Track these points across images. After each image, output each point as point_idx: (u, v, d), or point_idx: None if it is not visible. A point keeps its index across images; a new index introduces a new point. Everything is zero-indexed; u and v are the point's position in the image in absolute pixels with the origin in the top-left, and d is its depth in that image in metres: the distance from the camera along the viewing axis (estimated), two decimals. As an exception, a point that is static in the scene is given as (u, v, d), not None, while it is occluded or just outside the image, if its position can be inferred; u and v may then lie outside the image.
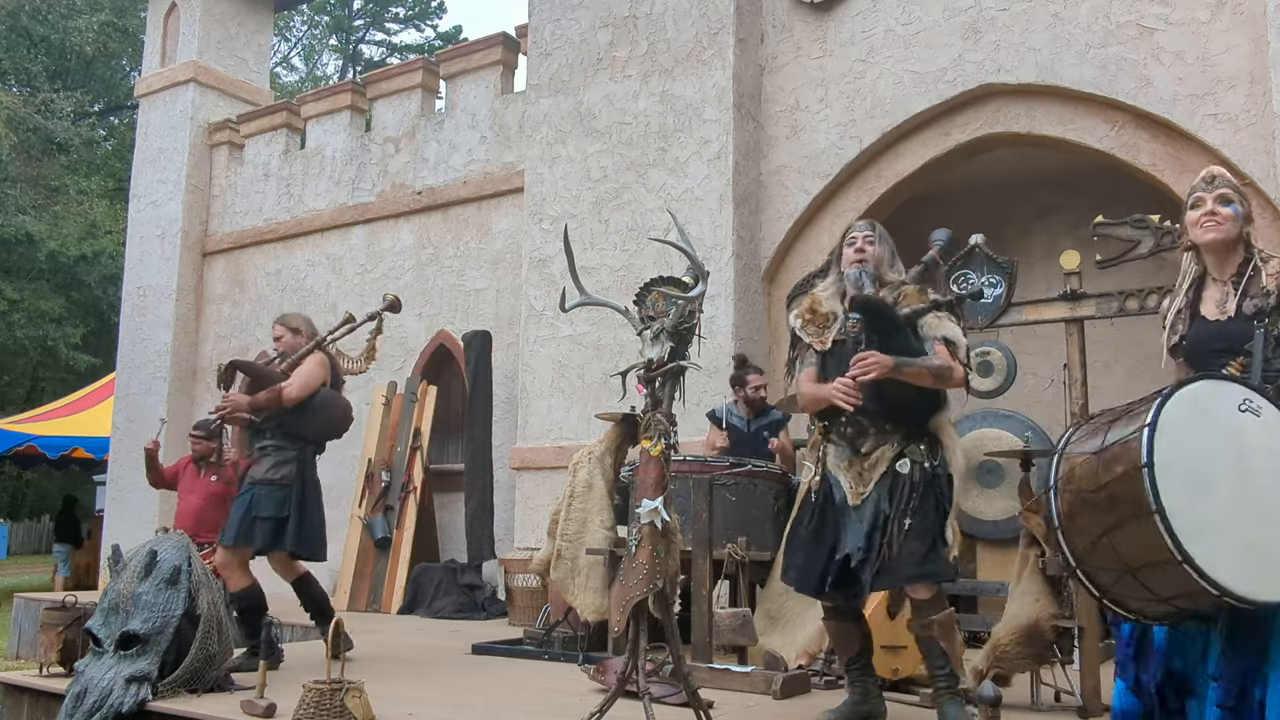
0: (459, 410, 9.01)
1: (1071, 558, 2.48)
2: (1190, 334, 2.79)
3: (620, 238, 7.50)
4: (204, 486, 6.12)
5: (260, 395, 4.87)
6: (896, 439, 3.42)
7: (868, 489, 3.40)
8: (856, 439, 3.46)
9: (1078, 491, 2.44)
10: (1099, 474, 2.40)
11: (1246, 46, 5.83)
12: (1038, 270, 7.12)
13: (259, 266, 10.82)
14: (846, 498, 3.44)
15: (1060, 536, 2.49)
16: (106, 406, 12.62)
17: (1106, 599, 2.47)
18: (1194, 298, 2.84)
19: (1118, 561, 2.38)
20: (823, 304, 3.62)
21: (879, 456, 3.42)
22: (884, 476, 3.39)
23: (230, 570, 4.89)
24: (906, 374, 3.30)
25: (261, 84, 12.21)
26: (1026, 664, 3.93)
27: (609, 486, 5.35)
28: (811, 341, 3.58)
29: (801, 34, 7.33)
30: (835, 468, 3.51)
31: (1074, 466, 2.47)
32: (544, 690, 4.46)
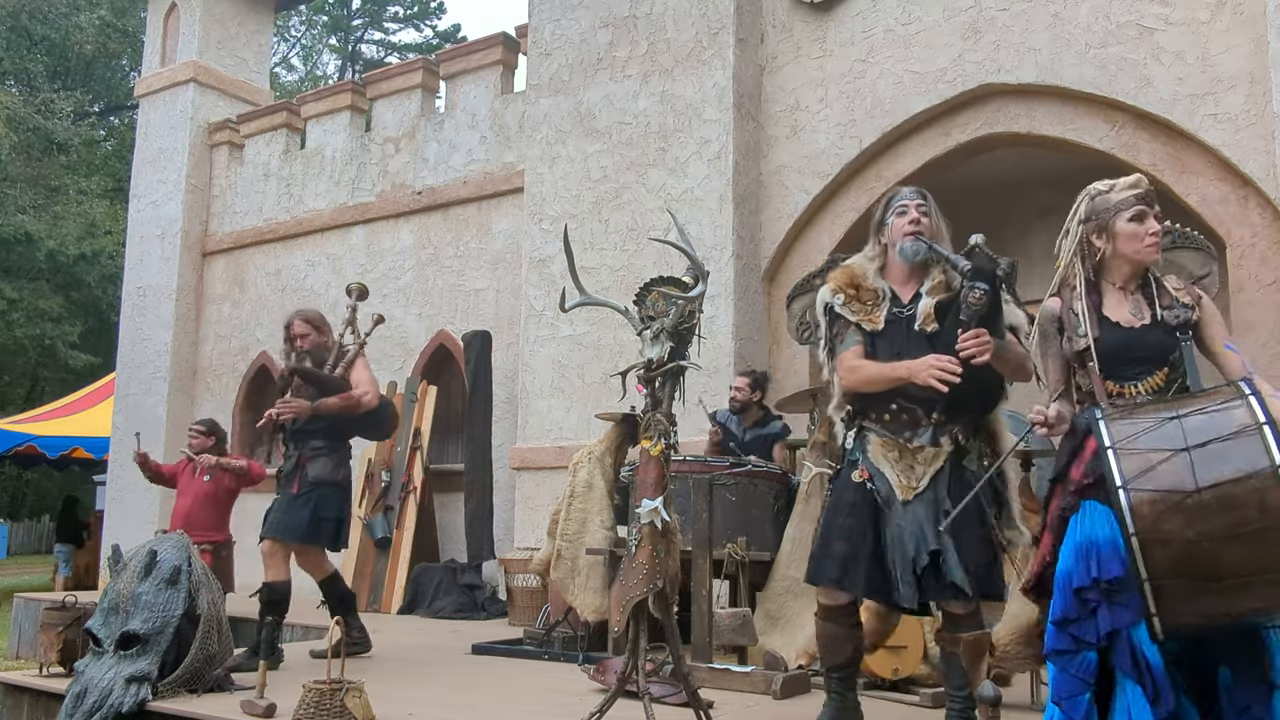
0: (459, 410, 9.01)
1: (1145, 569, 2.17)
2: (1104, 338, 2.67)
3: (620, 238, 7.50)
4: (196, 487, 6.09)
5: (331, 402, 4.98)
6: (957, 430, 3.07)
7: (921, 484, 3.03)
8: (906, 429, 3.10)
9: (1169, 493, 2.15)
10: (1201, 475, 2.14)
11: (1246, 46, 5.83)
12: (1038, 270, 7.10)
13: (259, 266, 10.82)
14: (895, 493, 3.05)
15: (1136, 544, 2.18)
16: (106, 406, 12.62)
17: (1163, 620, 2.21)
18: (1095, 300, 2.75)
19: (1210, 572, 2.13)
20: (867, 280, 3.24)
21: (938, 450, 3.06)
22: (941, 472, 3.03)
23: (276, 560, 4.95)
24: (1002, 358, 2.93)
25: (261, 84, 12.22)
26: (1026, 664, 3.93)
27: (609, 486, 5.35)
28: (860, 320, 3.18)
29: (801, 34, 7.33)
30: (879, 459, 3.11)
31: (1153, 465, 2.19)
32: (544, 690, 4.46)
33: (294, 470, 5.04)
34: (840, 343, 3.23)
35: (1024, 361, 3.06)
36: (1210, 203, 5.99)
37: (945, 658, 3.16)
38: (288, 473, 5.06)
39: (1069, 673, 2.45)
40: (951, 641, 3.09)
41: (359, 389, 5.07)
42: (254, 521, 5.45)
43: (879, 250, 3.29)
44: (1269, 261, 5.75)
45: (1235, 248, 5.83)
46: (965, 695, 3.10)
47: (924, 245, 3.15)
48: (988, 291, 2.87)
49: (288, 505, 5.00)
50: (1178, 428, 2.23)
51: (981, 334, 2.84)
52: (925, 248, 3.15)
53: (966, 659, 3.07)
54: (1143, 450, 2.23)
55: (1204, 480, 2.15)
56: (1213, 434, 2.18)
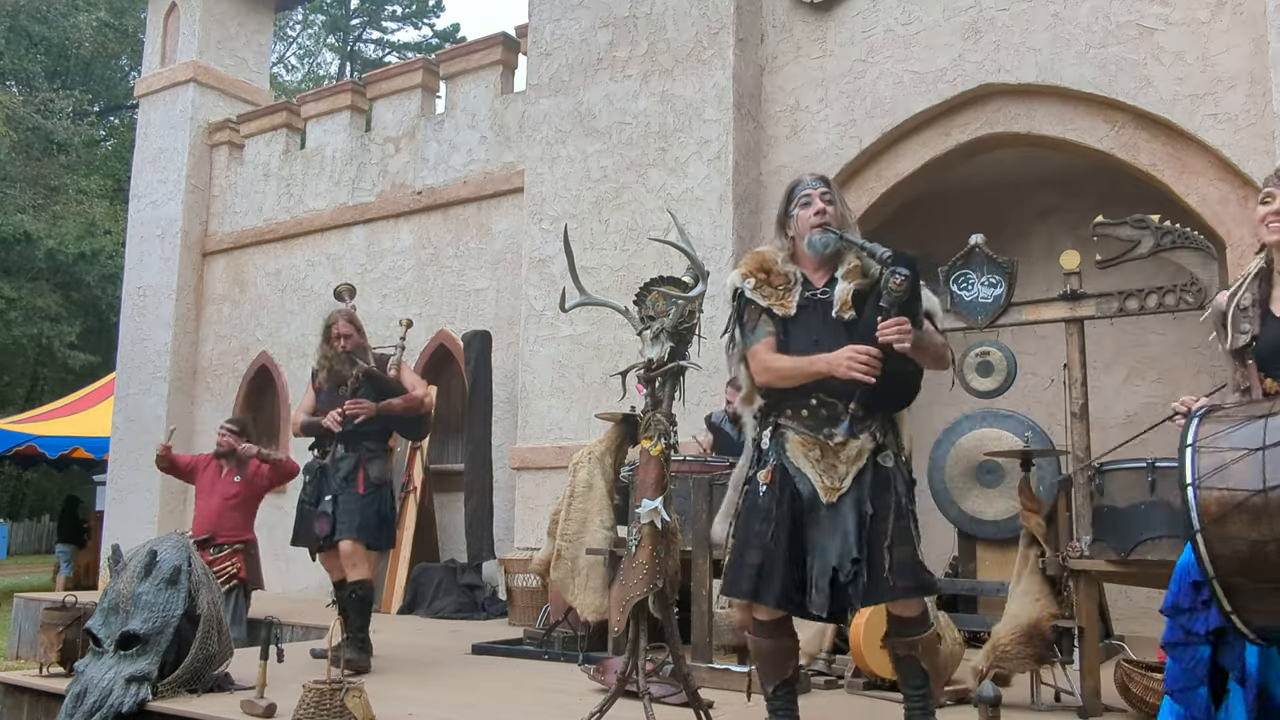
0: (459, 410, 9.01)
1: (1211, 566, 2.16)
2: (1264, 333, 2.55)
3: (620, 238, 7.50)
4: (225, 487, 6.11)
5: (396, 403, 5.10)
6: (875, 427, 2.94)
7: (844, 485, 2.89)
8: (825, 425, 2.94)
9: (1235, 492, 2.14)
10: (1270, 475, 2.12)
11: (1246, 46, 5.83)
12: (1038, 270, 7.12)
13: (259, 266, 10.82)
14: (817, 494, 2.91)
15: (1200, 541, 2.17)
16: (106, 406, 12.62)
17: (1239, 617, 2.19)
18: (1263, 294, 2.61)
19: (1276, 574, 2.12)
20: (778, 263, 3.10)
21: (858, 448, 2.92)
22: (863, 472, 2.90)
23: (360, 558, 4.94)
24: (922, 347, 2.87)
25: (261, 84, 12.22)
26: (1026, 664, 3.93)
27: (609, 486, 5.35)
28: (772, 305, 3.04)
29: (801, 34, 7.33)
30: (799, 458, 2.95)
31: (1226, 464, 2.17)
32: (544, 690, 4.46)
33: (354, 471, 5.02)
34: (751, 332, 3.08)
35: (942, 350, 3.03)
36: (1210, 203, 5.99)
37: (899, 661, 3.02)
38: (346, 474, 5.02)
39: (1182, 664, 2.44)
40: (908, 645, 2.97)
41: (417, 390, 5.24)
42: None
43: (786, 243, 3.16)
44: (1269, 261, 5.75)
45: (1235, 248, 5.83)
46: (924, 692, 3.00)
47: (833, 236, 3.03)
48: (908, 277, 2.79)
49: (359, 505, 4.98)
50: (1261, 427, 2.19)
51: (904, 321, 2.78)
52: (835, 238, 3.03)
53: (926, 659, 2.99)
54: (1222, 449, 2.21)
55: (1272, 480, 2.12)
56: None
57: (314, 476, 5.10)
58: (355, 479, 5.02)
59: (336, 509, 4.99)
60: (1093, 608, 4.02)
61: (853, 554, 2.82)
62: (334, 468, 5.05)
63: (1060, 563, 4.01)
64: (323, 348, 5.22)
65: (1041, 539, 4.03)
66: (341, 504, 4.99)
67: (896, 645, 3.02)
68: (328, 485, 5.04)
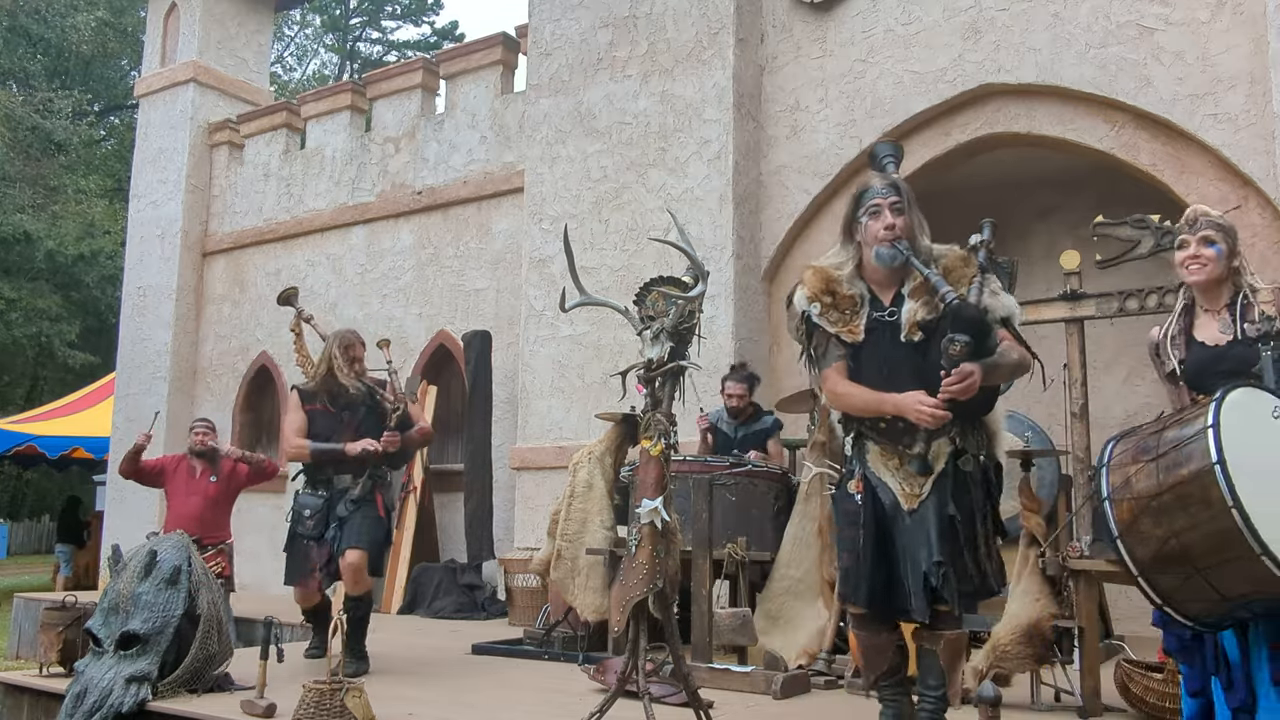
0: (459, 410, 9.00)
1: (1134, 565, 2.46)
2: (1190, 359, 2.90)
3: (620, 238, 7.50)
4: (205, 487, 6.08)
5: (413, 437, 5.09)
6: (954, 433, 2.91)
7: (924, 491, 2.89)
8: (904, 435, 2.93)
9: (1138, 498, 2.44)
10: (1161, 479, 2.41)
11: (1246, 46, 5.83)
12: (1038, 270, 7.12)
13: (259, 266, 10.82)
14: (898, 502, 2.92)
15: (1120, 545, 2.47)
16: (106, 406, 12.62)
17: (1168, 605, 2.46)
18: (1187, 324, 2.97)
19: (1185, 564, 2.39)
20: (843, 285, 3.04)
21: (935, 453, 2.90)
22: (942, 476, 2.89)
23: (365, 575, 4.82)
24: (992, 377, 2.86)
25: (261, 84, 12.22)
26: (1026, 664, 3.93)
27: (609, 486, 5.35)
28: (839, 332, 3.00)
29: (801, 34, 7.33)
30: (879, 468, 2.98)
31: (1130, 475, 2.48)
32: (544, 690, 4.46)
33: (370, 494, 4.89)
34: (822, 357, 3.07)
35: (1017, 366, 2.96)
36: (1210, 203, 5.96)
37: (922, 655, 3.00)
38: (359, 497, 4.86)
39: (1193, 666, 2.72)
40: (932, 639, 2.95)
41: (423, 422, 5.28)
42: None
43: (854, 250, 3.08)
44: (1269, 261, 5.75)
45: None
46: (939, 695, 2.97)
47: (901, 253, 2.95)
48: (968, 343, 2.75)
49: (375, 523, 4.87)
50: (1157, 439, 2.50)
51: (966, 375, 2.74)
52: (903, 256, 2.95)
53: (945, 657, 2.95)
54: (1126, 464, 2.52)
55: (1165, 484, 2.41)
56: (1176, 442, 2.45)
57: (317, 511, 4.86)
58: (373, 502, 4.90)
59: (344, 527, 4.81)
60: (1093, 608, 4.02)
61: (935, 557, 2.83)
62: (339, 495, 4.88)
63: (1060, 563, 4.01)
64: (337, 367, 4.91)
65: (1041, 539, 4.03)
66: (355, 521, 4.82)
67: (925, 638, 2.98)
68: (333, 514, 4.84)
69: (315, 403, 4.93)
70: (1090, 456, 4.32)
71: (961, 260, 3.02)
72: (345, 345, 4.96)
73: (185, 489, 6.10)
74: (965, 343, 2.74)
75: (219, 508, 6.09)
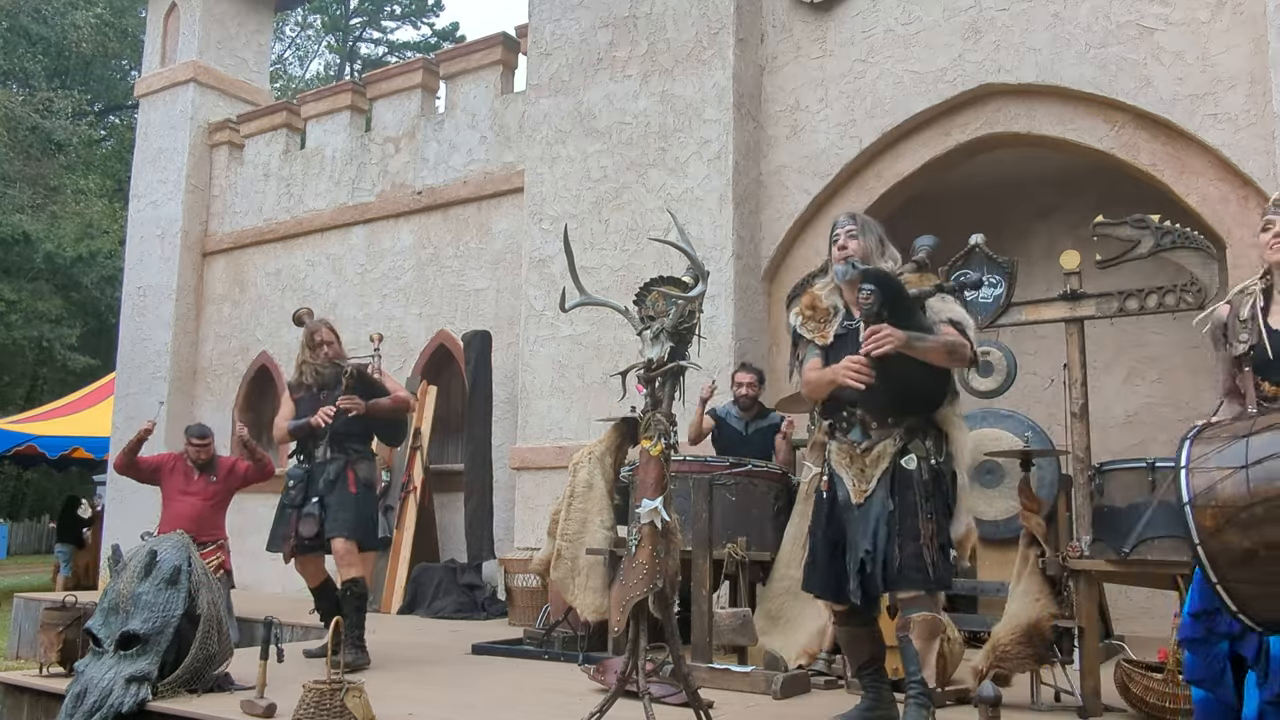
0: (459, 410, 9.01)
1: (1214, 572, 2.42)
2: (1261, 344, 2.83)
3: (620, 238, 7.50)
4: (203, 488, 6.08)
5: (384, 403, 5.20)
6: (899, 432, 3.27)
7: (870, 486, 3.26)
8: (856, 434, 3.34)
9: (1223, 506, 2.40)
10: (1253, 490, 2.37)
11: (1246, 46, 5.83)
12: (1038, 270, 7.12)
13: (259, 266, 10.82)
14: (850, 496, 3.31)
15: (1201, 552, 2.43)
16: (106, 406, 12.62)
17: (1244, 612, 2.44)
18: (1262, 308, 2.89)
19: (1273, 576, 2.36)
20: (823, 300, 3.52)
21: (881, 451, 3.27)
22: (886, 473, 3.25)
23: (354, 557, 5.00)
24: (919, 349, 3.13)
25: (261, 84, 12.22)
26: (1026, 664, 3.93)
27: (609, 486, 5.34)
28: (813, 337, 3.48)
29: (801, 34, 7.33)
30: (838, 465, 3.38)
31: (1215, 483, 2.43)
32: (544, 690, 4.46)
33: (342, 471, 5.08)
34: (804, 360, 3.52)
35: (952, 347, 3.21)
36: (1210, 203, 5.99)
37: (900, 643, 3.26)
38: (334, 475, 5.07)
39: (1202, 658, 2.72)
40: (903, 624, 3.23)
41: (401, 391, 5.33)
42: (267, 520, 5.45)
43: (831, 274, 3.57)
44: (1269, 261, 5.75)
45: (1235, 248, 5.83)
46: (918, 680, 3.19)
47: (850, 266, 3.38)
48: (874, 291, 3.09)
49: (351, 504, 5.03)
50: (1244, 446, 2.45)
51: (879, 329, 3.07)
52: (851, 268, 3.36)
53: (917, 640, 3.18)
54: (1211, 468, 2.47)
55: (1257, 495, 2.37)
56: (1269, 451, 2.40)
57: (299, 480, 5.12)
58: (345, 479, 5.06)
59: (325, 510, 5.01)
60: (1093, 608, 4.01)
61: (866, 546, 3.20)
62: (320, 470, 5.08)
63: (1060, 563, 4.01)
64: (306, 355, 5.28)
65: (1041, 539, 4.03)
66: (332, 504, 5.01)
67: (899, 625, 3.26)
68: (314, 488, 5.07)
69: (300, 391, 5.29)
70: (1090, 457, 4.32)
71: (918, 276, 3.42)
72: (310, 332, 5.31)
73: (182, 488, 6.10)
74: (870, 290, 3.10)
75: (216, 508, 6.10)
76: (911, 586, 3.17)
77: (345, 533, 4.98)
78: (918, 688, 3.19)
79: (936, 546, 3.19)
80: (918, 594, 3.19)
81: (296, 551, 5.08)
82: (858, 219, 3.53)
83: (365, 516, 5.12)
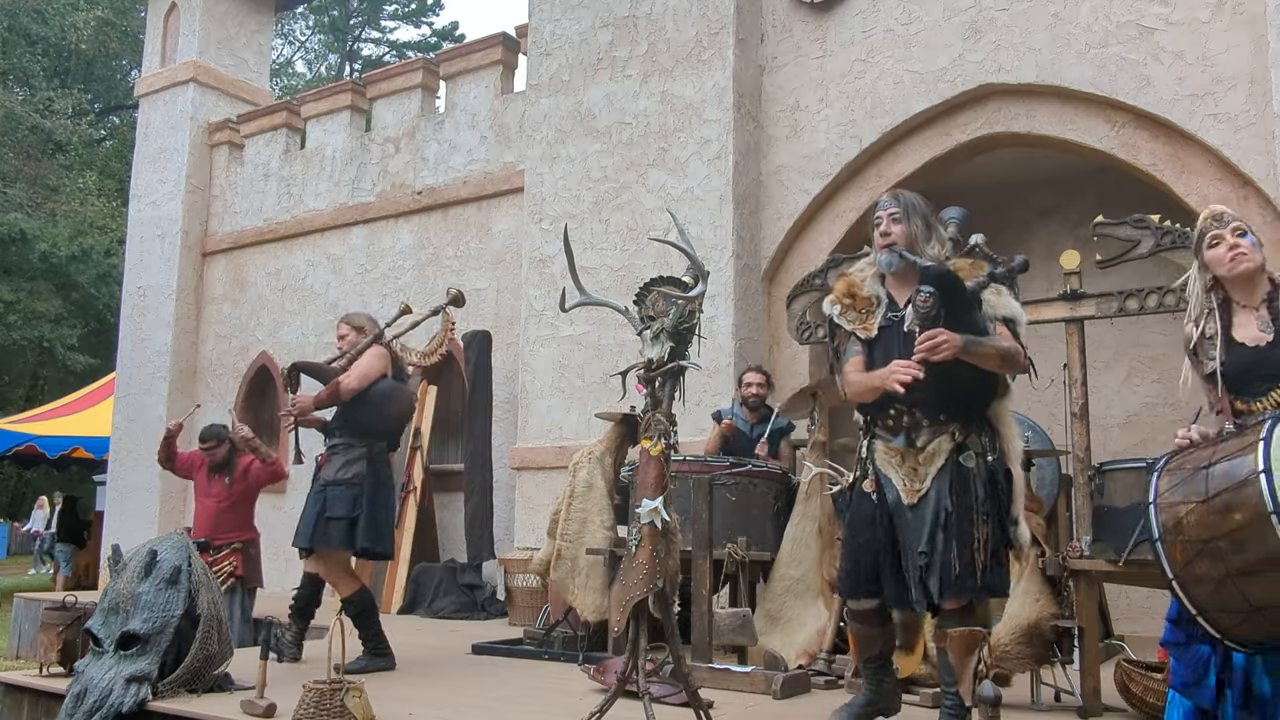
0: (459, 410, 9.00)
1: (1191, 605, 2.45)
2: (1230, 361, 2.78)
3: (620, 238, 7.50)
4: (217, 490, 6.11)
5: (321, 392, 4.85)
6: (955, 429, 3.08)
7: (925, 485, 3.07)
8: (909, 431, 3.12)
9: (1190, 541, 2.43)
10: (1214, 522, 2.39)
11: (1246, 46, 5.83)
12: (1038, 270, 7.10)
13: (259, 266, 10.82)
14: (900, 497, 3.10)
15: (1176, 586, 2.47)
16: (106, 406, 12.61)
17: (1227, 638, 2.47)
18: (1225, 323, 2.83)
19: (1244, 604, 2.38)
20: (862, 288, 3.28)
21: (935, 449, 3.08)
22: (943, 471, 3.06)
23: (335, 576, 4.87)
24: (975, 355, 2.97)
25: (261, 84, 12.22)
26: (1026, 664, 3.94)
27: (609, 486, 5.35)
28: (855, 329, 3.24)
29: (801, 34, 7.33)
30: (884, 464, 3.17)
31: (1180, 517, 2.45)
32: (544, 690, 4.46)
33: (316, 473, 4.97)
34: (843, 352, 3.29)
35: (1008, 354, 3.07)
36: (1210, 203, 5.97)
37: (939, 653, 3.17)
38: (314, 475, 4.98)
39: (1185, 663, 2.68)
40: (940, 636, 3.12)
41: (345, 374, 4.86)
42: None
43: (873, 258, 3.36)
44: (1270, 261, 5.74)
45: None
46: (953, 693, 3.10)
47: (897, 256, 3.19)
48: (934, 294, 2.95)
49: (311, 509, 4.89)
50: (1205, 477, 2.46)
51: (935, 334, 2.91)
52: (898, 258, 3.18)
53: (953, 655, 3.08)
54: (1176, 503, 2.49)
55: (1219, 530, 2.39)
56: (1225, 484, 2.41)
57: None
58: (316, 481, 4.94)
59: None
60: (1093, 608, 4.01)
61: (924, 547, 3.02)
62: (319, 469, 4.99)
63: (1060, 563, 4.01)
64: None
65: (1041, 539, 4.03)
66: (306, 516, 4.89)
67: (937, 635, 3.16)
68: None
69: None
70: (1090, 457, 4.32)
71: (970, 265, 3.23)
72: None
73: (204, 489, 6.17)
74: (930, 293, 2.95)
75: (234, 509, 6.11)
76: (959, 596, 3.02)
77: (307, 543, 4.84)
78: (953, 699, 3.10)
79: (989, 551, 3.04)
80: (961, 604, 3.05)
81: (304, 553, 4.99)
82: (901, 199, 3.27)
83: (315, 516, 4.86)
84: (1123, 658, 4.02)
